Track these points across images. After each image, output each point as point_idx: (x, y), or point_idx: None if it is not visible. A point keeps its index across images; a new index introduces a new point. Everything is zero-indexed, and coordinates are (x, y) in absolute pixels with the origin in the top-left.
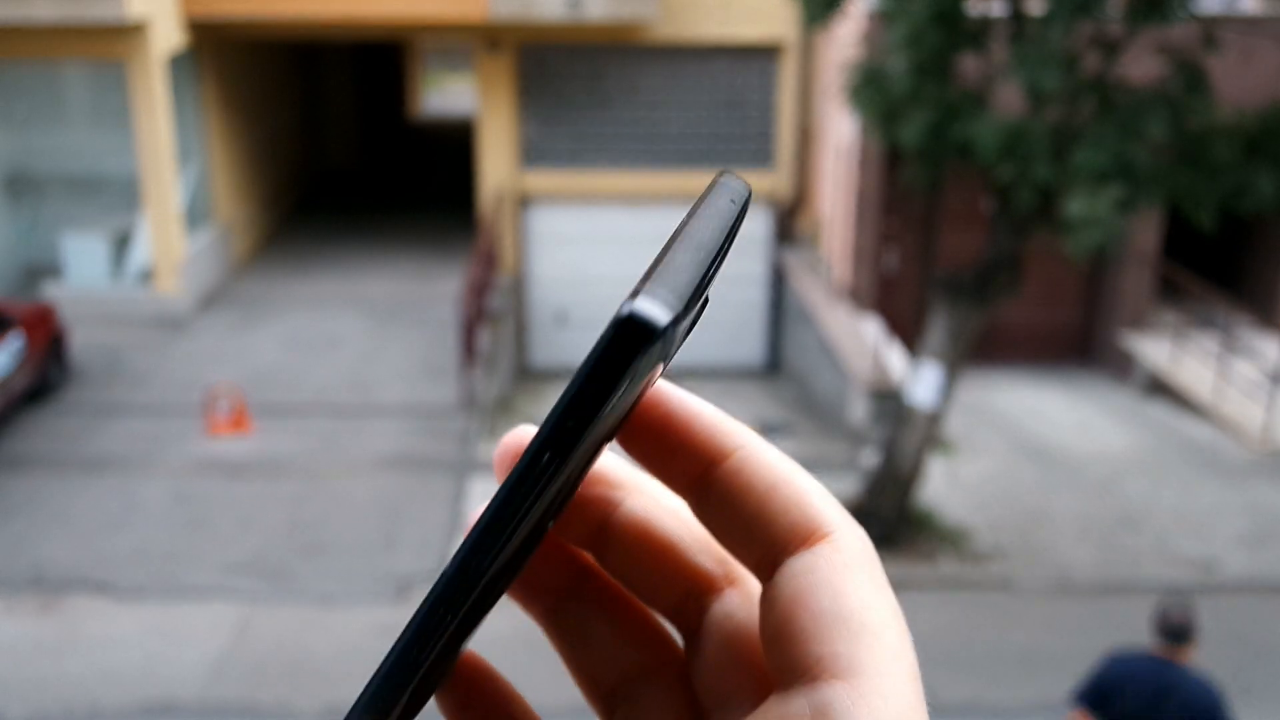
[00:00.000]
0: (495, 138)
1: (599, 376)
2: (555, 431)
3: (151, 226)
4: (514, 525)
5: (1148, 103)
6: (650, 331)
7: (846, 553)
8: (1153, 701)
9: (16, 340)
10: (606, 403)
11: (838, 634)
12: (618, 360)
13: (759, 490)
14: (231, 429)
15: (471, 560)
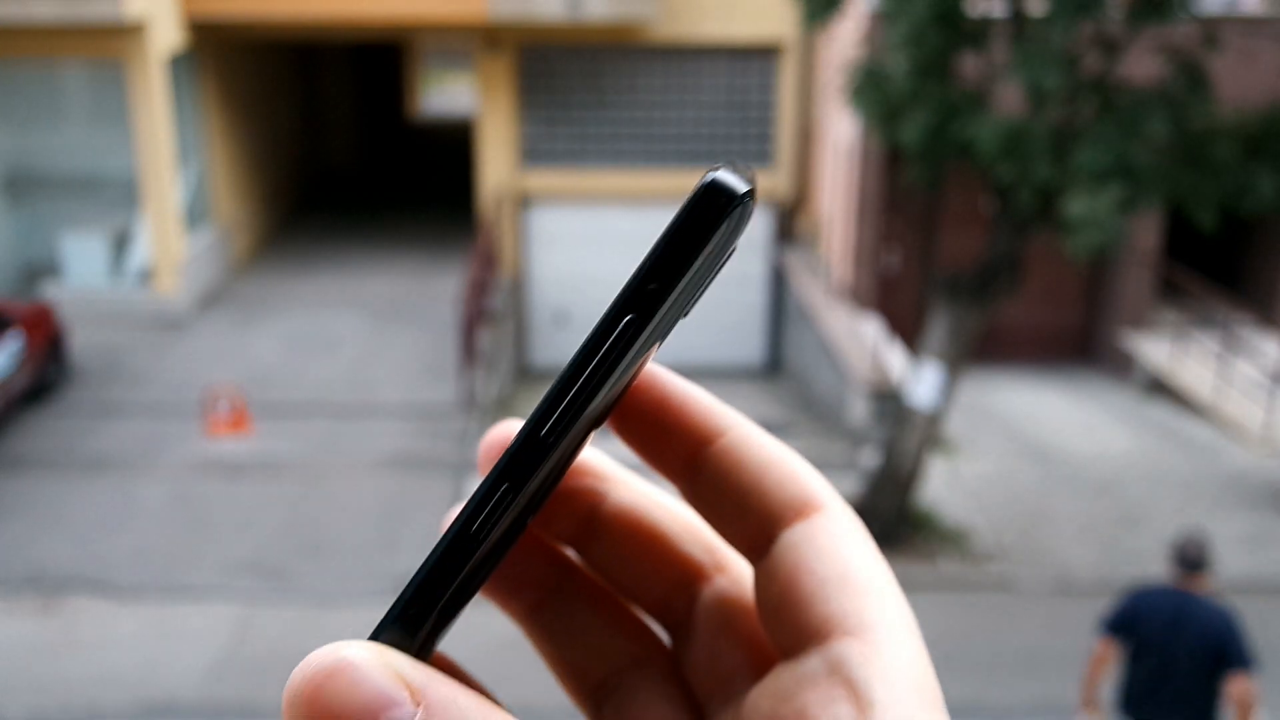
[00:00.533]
0: (495, 138)
1: (681, 240)
2: (635, 293)
3: (151, 226)
4: (586, 395)
5: (1148, 103)
6: (731, 197)
7: (841, 522)
8: (1172, 627)
9: (16, 340)
10: (687, 270)
11: (843, 594)
12: (700, 226)
13: (753, 466)
14: (231, 429)
15: (539, 428)
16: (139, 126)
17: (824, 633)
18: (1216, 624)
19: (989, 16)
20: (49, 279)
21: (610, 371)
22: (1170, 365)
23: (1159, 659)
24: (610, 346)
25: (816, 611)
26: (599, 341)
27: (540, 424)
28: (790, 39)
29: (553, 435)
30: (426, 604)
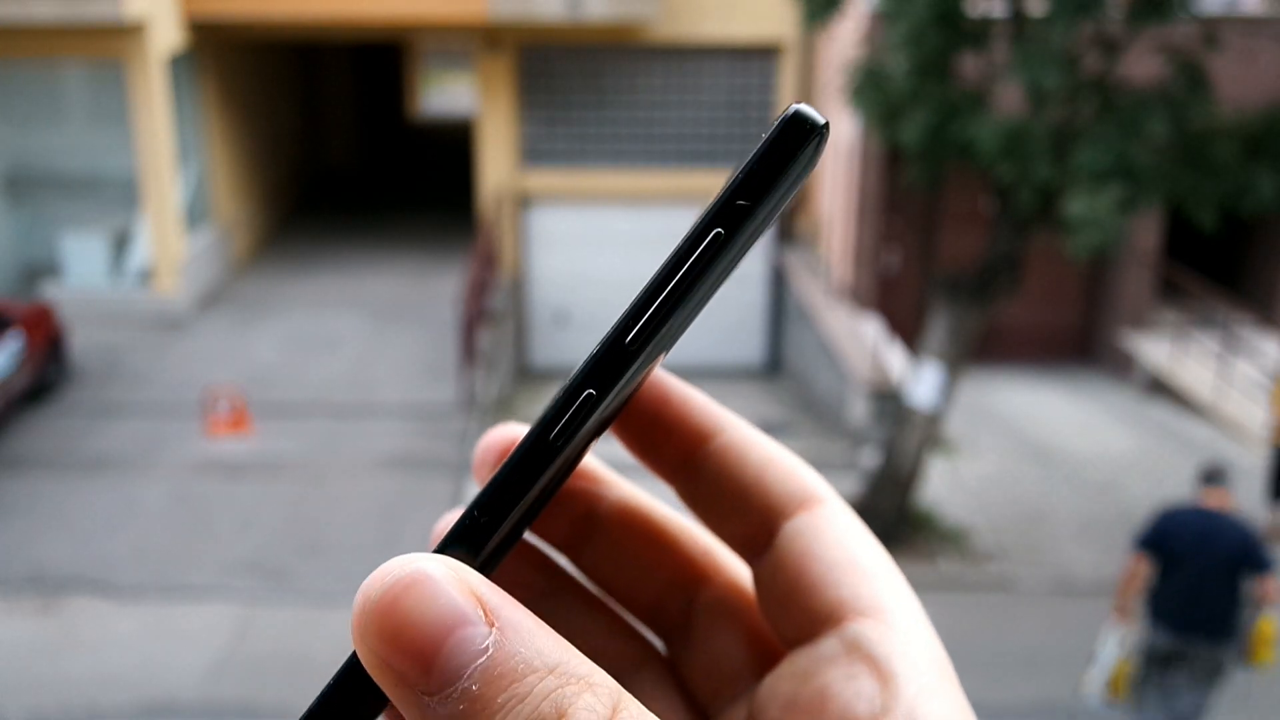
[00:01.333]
0: (495, 138)
1: (769, 163)
2: (725, 208)
3: (151, 226)
4: (669, 306)
5: (1148, 103)
6: (814, 126)
7: (842, 513)
8: (1200, 541)
9: (16, 340)
10: (774, 191)
11: (854, 578)
12: (785, 150)
13: (754, 463)
14: (231, 429)
15: (624, 335)
16: (139, 126)
17: (838, 615)
18: (1240, 536)
19: (989, 16)
20: (49, 279)
21: (694, 285)
22: (1170, 365)
23: (1189, 570)
24: (696, 259)
25: (829, 595)
26: (686, 253)
27: (625, 331)
28: (790, 39)
29: (635, 344)
30: (497, 515)
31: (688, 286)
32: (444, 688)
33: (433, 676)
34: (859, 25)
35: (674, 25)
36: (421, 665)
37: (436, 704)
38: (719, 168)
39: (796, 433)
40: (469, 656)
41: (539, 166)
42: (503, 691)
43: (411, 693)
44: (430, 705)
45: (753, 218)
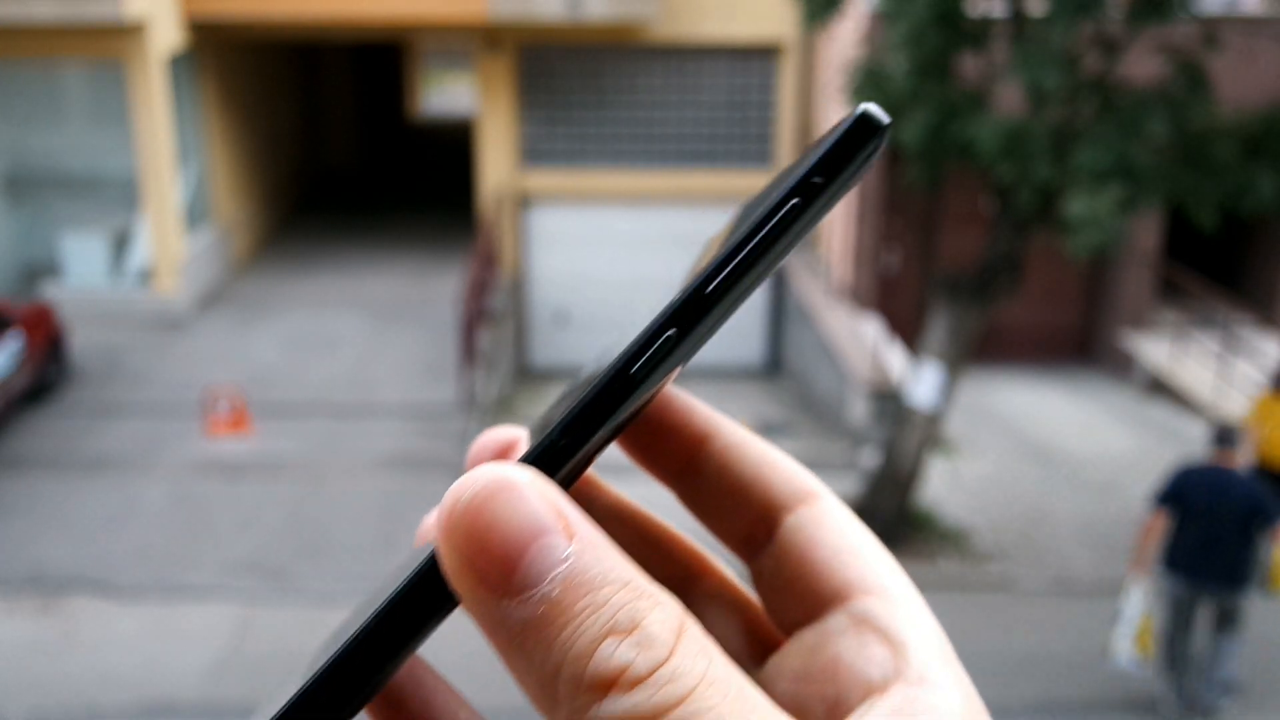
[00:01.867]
0: (495, 138)
1: (839, 151)
2: (803, 182)
3: (151, 226)
4: (750, 260)
5: (1148, 103)
6: (880, 127)
7: (840, 507)
8: (1215, 496)
9: (16, 340)
10: (843, 175)
11: (857, 562)
12: (853, 144)
13: (753, 462)
14: (231, 429)
15: (706, 285)
16: (139, 126)
17: (844, 595)
18: (1250, 491)
19: (989, 16)
20: (49, 279)
21: (770, 248)
22: (1170, 365)
23: (1205, 524)
24: (775, 224)
25: (834, 578)
26: (767, 218)
27: (708, 281)
28: (790, 39)
29: (716, 293)
30: (576, 440)
31: (765, 248)
32: (524, 591)
33: (514, 579)
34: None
35: (674, 25)
36: (505, 568)
37: (514, 607)
38: (719, 168)
39: (796, 433)
40: (551, 563)
41: (539, 166)
42: (581, 599)
43: (490, 595)
44: (508, 608)
45: (823, 194)
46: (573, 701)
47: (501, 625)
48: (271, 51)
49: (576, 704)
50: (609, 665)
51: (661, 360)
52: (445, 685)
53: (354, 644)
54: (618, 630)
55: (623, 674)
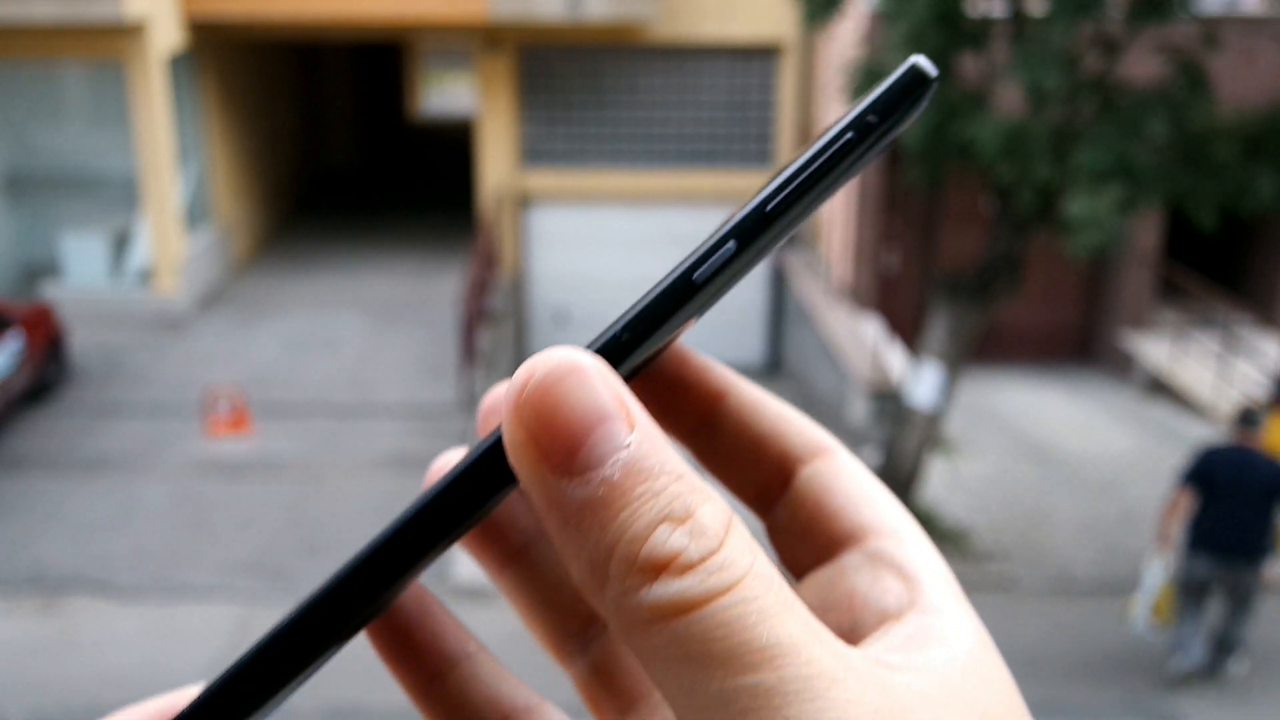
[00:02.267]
0: (495, 138)
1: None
2: (859, 118)
3: (151, 226)
4: (807, 183)
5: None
6: (929, 79)
7: (853, 460)
8: (1237, 475)
9: (16, 340)
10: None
11: (871, 507)
12: (902, 93)
13: (769, 417)
14: (231, 429)
15: (767, 203)
16: (139, 126)
17: (858, 536)
18: (1273, 470)
19: (989, 16)
20: (49, 279)
21: (827, 173)
22: (1170, 365)
23: (1228, 502)
24: (834, 154)
25: (848, 521)
26: (826, 146)
27: (768, 201)
28: (790, 39)
29: (774, 211)
30: (637, 337)
31: (821, 175)
32: (585, 472)
33: (577, 460)
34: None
35: (674, 25)
36: (569, 448)
37: (574, 487)
38: (719, 168)
39: None
40: (613, 448)
41: (539, 166)
42: (639, 485)
43: (552, 474)
44: (567, 488)
45: (875, 133)
46: (623, 582)
47: (559, 504)
48: (271, 51)
49: (627, 584)
50: (662, 550)
51: (720, 269)
52: (454, 619)
53: (415, 515)
54: (672, 518)
55: (675, 559)
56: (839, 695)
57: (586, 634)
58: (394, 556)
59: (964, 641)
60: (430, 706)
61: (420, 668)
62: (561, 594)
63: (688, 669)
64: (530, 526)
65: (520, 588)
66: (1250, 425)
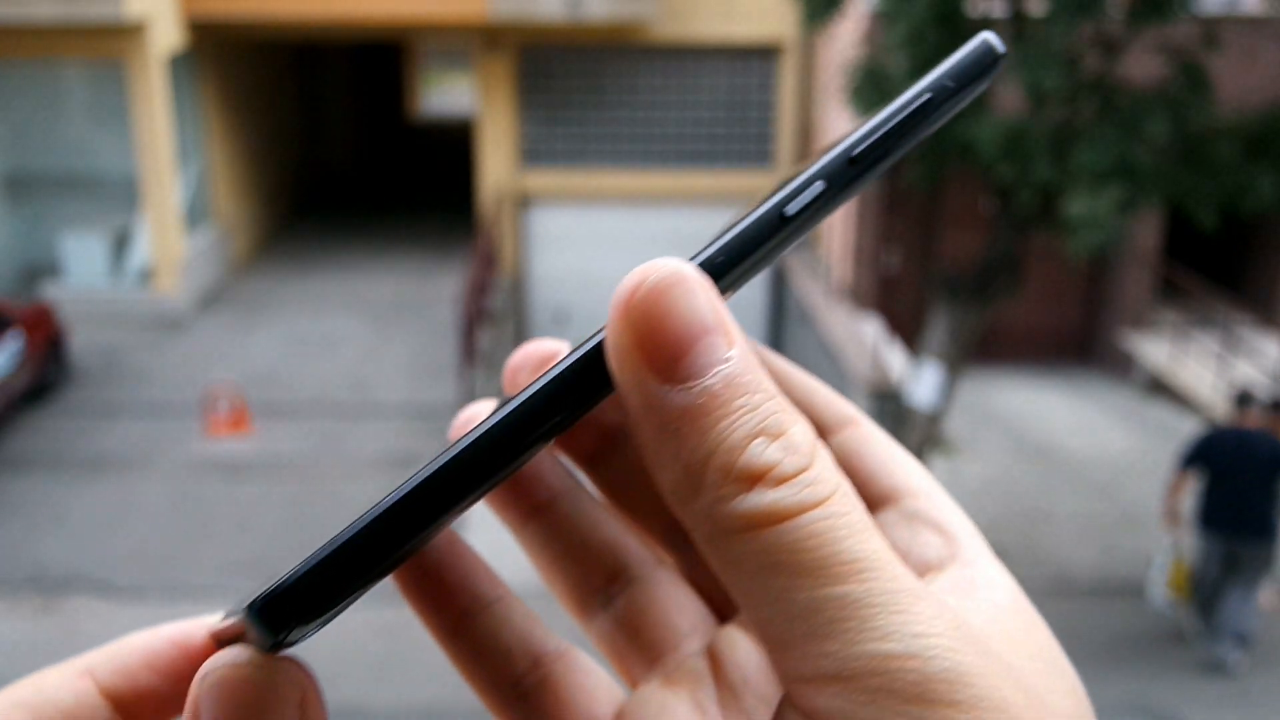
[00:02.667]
0: (495, 138)
1: (965, 64)
2: (937, 82)
3: (151, 226)
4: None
5: (1149, 103)
6: (998, 56)
7: (879, 429)
8: (1238, 455)
9: (16, 340)
10: (964, 81)
11: (903, 471)
12: (976, 62)
13: (800, 386)
14: (231, 429)
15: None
16: (139, 126)
17: (893, 497)
18: (1274, 447)
19: (989, 16)
20: (49, 279)
21: (908, 130)
22: (1170, 365)
23: (1231, 482)
24: (912, 112)
25: (883, 484)
26: (905, 105)
27: (853, 148)
28: (790, 39)
29: (858, 160)
30: (730, 261)
31: (901, 131)
32: (688, 379)
33: (680, 367)
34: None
35: (674, 25)
36: (674, 354)
37: (675, 393)
38: (719, 168)
39: None
40: (714, 360)
41: (539, 166)
42: (738, 398)
43: (655, 378)
44: (669, 394)
45: (951, 96)
46: (719, 490)
47: (659, 409)
48: (271, 51)
49: (722, 493)
50: (759, 461)
51: (809, 206)
52: (484, 563)
53: (514, 415)
54: (767, 433)
55: (770, 471)
56: (923, 611)
57: (611, 588)
58: (494, 451)
59: (1006, 591)
60: (458, 649)
61: (450, 608)
62: (588, 548)
63: (776, 578)
64: (556, 481)
65: (544, 543)
66: (1247, 405)
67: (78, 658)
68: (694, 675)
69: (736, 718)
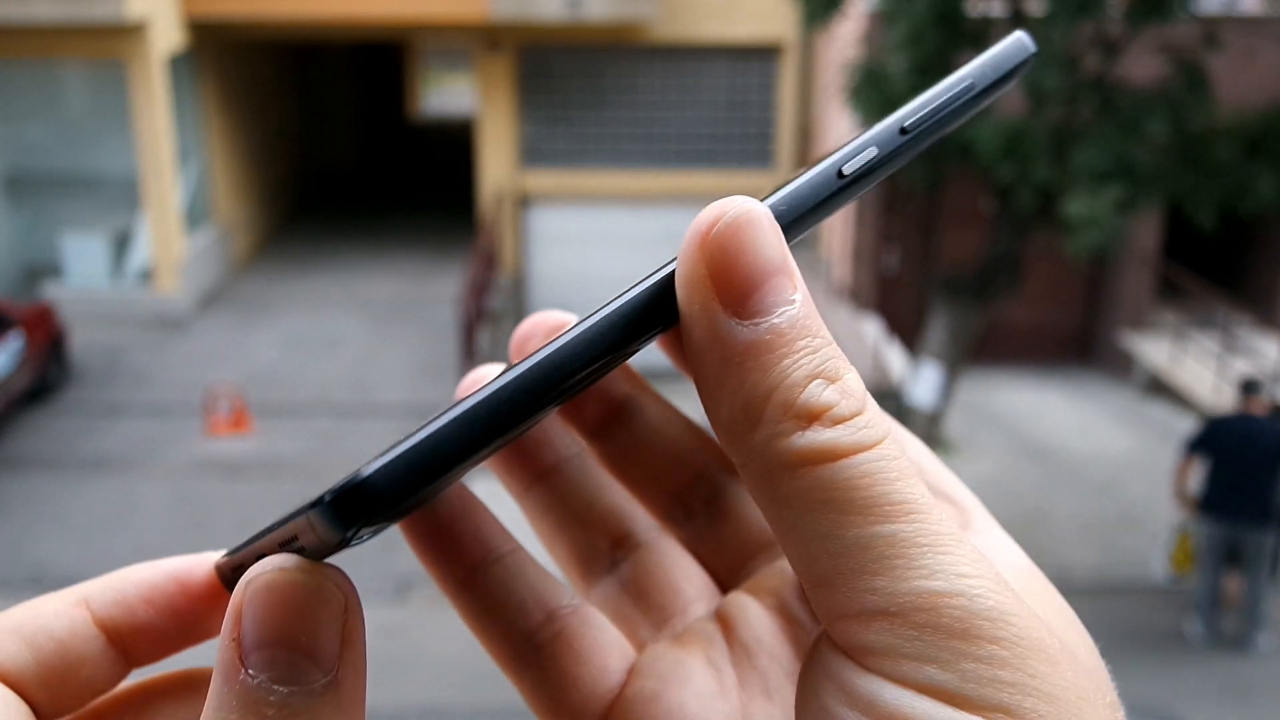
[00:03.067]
0: (495, 138)
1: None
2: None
3: (151, 226)
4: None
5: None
6: (1030, 54)
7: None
8: (1244, 441)
9: (16, 340)
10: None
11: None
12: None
13: None
14: (231, 429)
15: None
16: (139, 126)
17: None
18: (1276, 435)
19: (989, 16)
20: (49, 279)
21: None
22: (1170, 365)
23: (1236, 468)
24: (959, 92)
25: None
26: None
27: (903, 120)
28: (790, 39)
29: (910, 130)
30: (790, 210)
31: (948, 107)
32: (755, 316)
33: (749, 303)
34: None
35: (674, 25)
36: (746, 289)
37: (742, 328)
38: (719, 168)
39: None
40: (783, 299)
41: (539, 166)
42: (801, 339)
43: (724, 311)
44: (734, 327)
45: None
46: (778, 425)
47: (724, 342)
48: (271, 51)
49: (781, 428)
50: (818, 400)
51: (862, 166)
52: (496, 519)
53: (590, 331)
54: (825, 375)
55: (828, 411)
56: (966, 554)
57: (616, 554)
58: (574, 360)
59: (1020, 556)
60: (470, 602)
61: (462, 561)
62: (592, 514)
63: (827, 513)
64: (561, 447)
65: (548, 509)
66: (1254, 392)
67: (75, 586)
68: (705, 635)
69: (750, 676)
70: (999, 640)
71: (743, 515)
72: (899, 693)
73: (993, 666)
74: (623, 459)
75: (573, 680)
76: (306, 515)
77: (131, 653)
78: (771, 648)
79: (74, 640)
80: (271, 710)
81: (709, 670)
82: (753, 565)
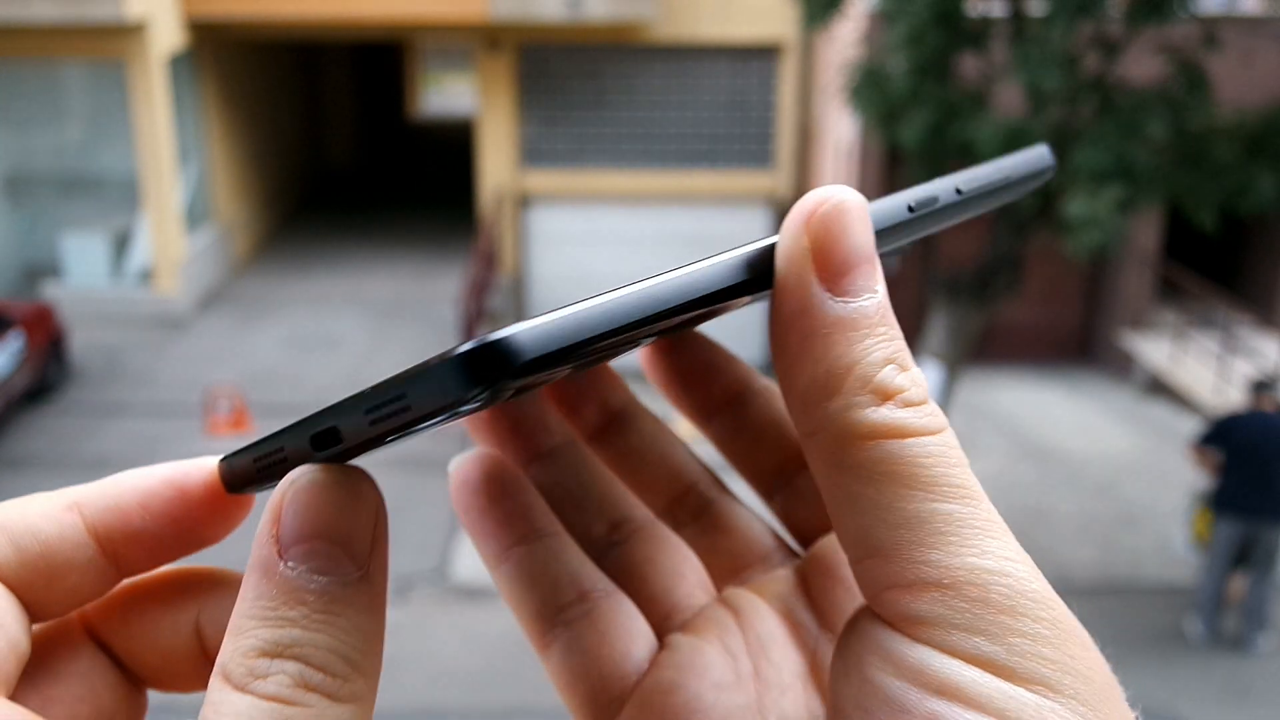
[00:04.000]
0: (495, 138)
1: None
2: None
3: (151, 226)
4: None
5: (1148, 103)
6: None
7: None
8: (1259, 438)
9: (16, 340)
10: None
11: None
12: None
13: None
14: (231, 429)
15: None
16: (139, 126)
17: None
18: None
19: (989, 16)
20: (49, 279)
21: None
22: (1170, 365)
23: (1251, 464)
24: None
25: None
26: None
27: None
28: (790, 39)
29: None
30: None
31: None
32: (847, 295)
33: (843, 281)
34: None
35: (674, 25)
36: (841, 269)
37: (835, 303)
38: (719, 168)
39: None
40: (871, 285)
41: (539, 166)
42: (883, 324)
43: (821, 283)
44: (830, 301)
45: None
46: (855, 396)
47: (815, 313)
48: (271, 51)
49: (859, 399)
50: (893, 382)
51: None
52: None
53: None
54: (899, 363)
55: (901, 393)
56: (1011, 542)
57: (614, 536)
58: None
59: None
60: (509, 572)
61: (507, 534)
62: (589, 498)
63: (890, 485)
64: (558, 432)
65: (544, 491)
66: (1267, 390)
67: (68, 489)
68: (719, 622)
69: (765, 668)
70: (1042, 620)
71: (736, 528)
72: (948, 661)
73: (1037, 643)
74: (618, 464)
75: (595, 659)
76: (436, 364)
77: (123, 561)
78: (782, 645)
79: (62, 544)
80: (311, 597)
81: (726, 659)
82: (747, 575)
